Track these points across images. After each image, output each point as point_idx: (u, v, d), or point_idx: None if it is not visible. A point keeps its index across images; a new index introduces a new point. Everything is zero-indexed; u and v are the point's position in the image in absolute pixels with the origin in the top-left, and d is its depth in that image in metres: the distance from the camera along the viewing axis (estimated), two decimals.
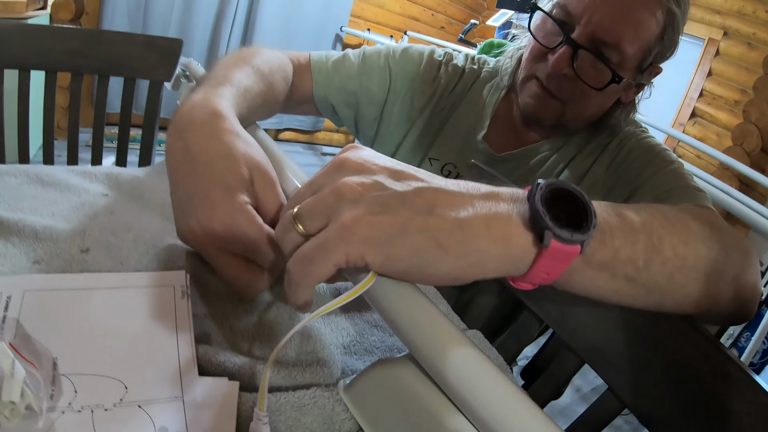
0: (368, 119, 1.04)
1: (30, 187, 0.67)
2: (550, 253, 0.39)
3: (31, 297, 0.45)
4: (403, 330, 0.37)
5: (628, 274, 0.46)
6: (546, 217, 0.38)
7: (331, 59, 0.99)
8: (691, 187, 0.81)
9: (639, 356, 0.60)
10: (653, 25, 0.82)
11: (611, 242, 0.44)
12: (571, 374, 0.70)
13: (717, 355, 0.52)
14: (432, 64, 1.05)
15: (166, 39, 1.24)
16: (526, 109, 0.94)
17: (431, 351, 0.35)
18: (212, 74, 0.67)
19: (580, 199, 0.41)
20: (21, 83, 1.16)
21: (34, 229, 0.56)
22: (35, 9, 2.79)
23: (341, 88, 0.99)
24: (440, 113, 1.04)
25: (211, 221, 0.48)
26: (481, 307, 0.81)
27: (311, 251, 0.38)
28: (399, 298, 0.38)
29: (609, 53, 0.83)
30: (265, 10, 3.90)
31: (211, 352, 0.43)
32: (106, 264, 0.54)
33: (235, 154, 0.51)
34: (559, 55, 0.83)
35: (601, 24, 0.81)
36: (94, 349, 0.42)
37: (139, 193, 0.70)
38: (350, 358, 0.50)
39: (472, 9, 5.13)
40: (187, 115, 0.54)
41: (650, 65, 0.88)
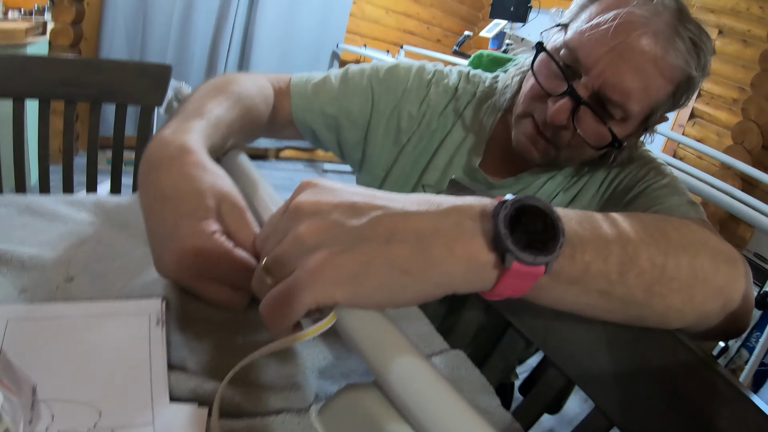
0: (351, 142, 1.01)
1: (20, 217, 0.69)
2: (512, 273, 0.40)
3: (14, 326, 0.48)
4: (366, 358, 0.38)
5: (601, 288, 0.45)
6: (507, 240, 0.38)
7: (312, 82, 0.96)
8: (684, 201, 0.79)
9: (626, 373, 0.59)
10: (665, 86, 0.78)
11: (581, 257, 0.44)
12: (559, 392, 0.68)
13: (706, 372, 0.51)
14: (421, 82, 0.99)
15: (156, 65, 1.27)
16: (518, 146, 0.89)
17: (392, 379, 0.36)
18: (185, 106, 0.68)
19: (549, 216, 0.41)
20: (15, 112, 1.19)
21: (21, 259, 0.58)
22: (34, 36, 2.82)
23: (320, 112, 0.96)
24: (431, 136, 0.99)
25: (183, 253, 0.50)
26: (467, 325, 0.80)
27: (281, 297, 0.39)
28: (361, 326, 0.39)
29: (613, 110, 0.78)
30: (261, 30, 3.94)
31: (183, 379, 0.44)
32: (90, 292, 0.55)
33: (201, 187, 0.52)
34: (559, 106, 0.78)
35: (610, 81, 0.76)
36: (72, 376, 0.43)
37: (125, 221, 0.71)
38: (325, 382, 0.51)
39: (468, 20, 5.15)
40: (156, 151, 0.56)
41: (656, 118, 0.84)
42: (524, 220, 0.40)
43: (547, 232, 0.41)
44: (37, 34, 2.90)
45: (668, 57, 0.75)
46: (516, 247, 0.38)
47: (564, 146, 0.84)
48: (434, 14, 4.95)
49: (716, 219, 2.96)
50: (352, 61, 4.65)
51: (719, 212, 2.79)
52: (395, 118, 0.98)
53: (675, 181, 0.84)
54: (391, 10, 4.71)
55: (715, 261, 0.52)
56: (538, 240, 0.40)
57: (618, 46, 0.74)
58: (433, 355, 0.62)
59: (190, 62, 3.79)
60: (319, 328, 0.38)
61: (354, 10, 4.45)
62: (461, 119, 0.99)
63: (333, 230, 0.39)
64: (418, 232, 0.39)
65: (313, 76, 0.98)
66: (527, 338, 0.71)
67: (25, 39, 2.65)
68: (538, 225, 0.41)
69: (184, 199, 0.52)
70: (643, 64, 0.75)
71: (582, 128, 0.79)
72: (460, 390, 0.56)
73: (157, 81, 1.27)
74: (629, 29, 0.74)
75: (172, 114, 0.67)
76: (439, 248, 0.39)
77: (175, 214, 0.51)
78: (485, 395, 0.58)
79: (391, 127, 0.99)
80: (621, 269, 0.45)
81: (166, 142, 0.57)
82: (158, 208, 0.53)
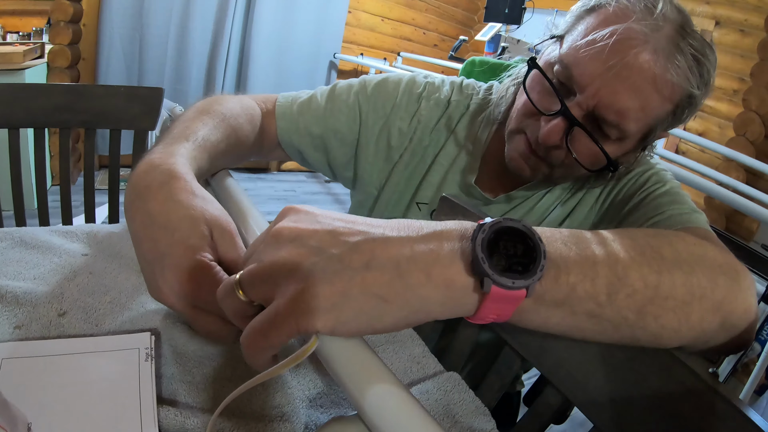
0: (341, 161, 0.98)
1: (14, 251, 0.70)
2: (492, 298, 0.39)
3: (10, 364, 0.48)
4: (346, 389, 0.38)
5: (589, 310, 0.44)
6: (485, 264, 0.38)
7: (297, 101, 0.94)
8: (685, 209, 0.75)
9: (623, 393, 0.57)
10: (665, 105, 0.74)
11: (566, 279, 0.42)
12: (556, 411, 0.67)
13: (703, 390, 0.50)
14: (411, 97, 0.96)
15: (148, 89, 1.28)
16: (510, 163, 0.85)
17: (371, 411, 0.36)
18: (171, 129, 0.68)
19: (530, 239, 0.40)
20: (11, 141, 1.20)
21: (15, 295, 0.59)
22: (32, 59, 2.85)
23: (307, 132, 0.94)
24: (424, 152, 0.96)
25: (177, 281, 0.50)
26: (463, 343, 0.79)
27: (263, 326, 0.39)
28: (341, 356, 0.39)
29: (608, 130, 0.74)
30: (257, 44, 3.96)
31: (172, 413, 0.45)
32: (82, 327, 0.56)
33: (193, 214, 0.52)
34: (551, 126, 0.75)
35: (606, 101, 0.72)
36: (66, 413, 0.44)
37: (117, 251, 0.72)
38: (316, 412, 0.51)
39: (464, 24, 5.15)
40: (143, 177, 0.56)
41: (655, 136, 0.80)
42: (504, 243, 0.40)
43: (529, 255, 0.40)
44: (36, 56, 2.93)
45: (668, 75, 0.71)
46: (493, 271, 0.38)
47: (557, 165, 0.82)
48: (430, 19, 4.96)
49: (722, 212, 2.94)
50: (349, 70, 4.66)
51: (725, 205, 2.77)
52: (385, 135, 0.96)
53: (676, 187, 0.81)
54: (386, 18, 4.73)
55: (713, 275, 0.50)
56: (519, 263, 0.40)
57: (615, 66, 0.70)
58: (426, 378, 0.62)
59: (188, 79, 3.82)
60: (301, 355, 0.38)
61: (349, 19, 4.47)
62: (454, 134, 0.96)
63: (312, 257, 0.39)
64: (396, 258, 0.39)
65: (299, 96, 0.95)
66: (522, 358, 0.70)
67: (23, 62, 2.68)
68: (518, 248, 0.40)
69: (176, 226, 0.52)
70: (641, 83, 0.71)
71: (576, 149, 0.77)
72: (454, 413, 0.57)
73: (149, 105, 1.28)
74: (627, 47, 0.70)
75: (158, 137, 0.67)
76: (416, 274, 0.38)
77: (168, 242, 0.51)
78: (479, 417, 0.58)
79: (382, 144, 0.96)
80: (610, 290, 0.44)
81: (152, 167, 0.57)
82: (150, 235, 0.52)
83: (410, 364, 0.63)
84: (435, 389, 0.60)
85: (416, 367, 0.63)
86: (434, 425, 0.35)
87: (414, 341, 0.67)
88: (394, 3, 4.71)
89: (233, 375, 0.53)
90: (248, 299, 0.41)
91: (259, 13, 3.89)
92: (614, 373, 0.58)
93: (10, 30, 3.29)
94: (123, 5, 3.46)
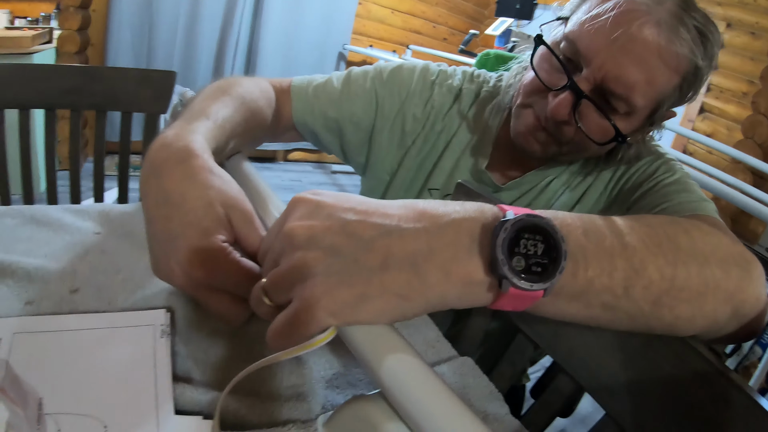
0: (355, 145, 1.00)
1: (26, 228, 0.70)
2: (509, 296, 0.39)
3: (21, 339, 0.48)
4: (369, 368, 0.38)
5: (605, 303, 0.44)
6: (505, 267, 0.38)
7: (313, 84, 0.95)
8: (694, 198, 0.76)
9: (636, 380, 0.57)
10: (670, 77, 0.74)
11: (584, 273, 0.42)
12: (567, 398, 0.67)
13: (717, 378, 0.50)
14: (425, 83, 0.98)
15: (160, 72, 1.27)
16: (518, 138, 0.87)
17: (395, 389, 0.36)
18: (189, 107, 0.66)
19: (552, 237, 0.40)
20: (21, 122, 1.19)
21: (27, 271, 0.59)
22: (41, 43, 2.84)
23: (322, 114, 0.95)
24: (436, 138, 0.98)
25: (190, 263, 0.48)
26: (475, 330, 0.78)
27: (284, 327, 0.39)
28: (364, 336, 0.38)
29: (616, 103, 0.75)
30: (266, 33, 3.95)
31: (188, 391, 0.44)
32: (94, 304, 0.55)
33: (209, 194, 0.51)
34: (559, 100, 0.76)
35: (612, 73, 0.73)
36: (78, 389, 0.43)
37: (130, 230, 0.71)
38: (332, 392, 0.51)
39: (474, 18, 5.14)
40: (160, 152, 0.54)
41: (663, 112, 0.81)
42: (524, 240, 0.39)
43: (549, 253, 0.40)
44: (44, 41, 2.92)
45: (672, 46, 0.72)
46: (513, 274, 0.38)
47: (566, 142, 0.82)
48: (440, 13, 4.94)
49: (728, 214, 2.93)
50: (358, 61, 4.65)
51: (730, 207, 2.76)
52: (400, 121, 0.97)
53: (685, 176, 0.81)
54: (396, 10, 4.71)
55: (726, 265, 0.51)
56: (538, 263, 0.39)
57: (619, 37, 0.71)
58: (441, 362, 0.61)
59: (197, 67, 3.81)
60: (317, 342, 0.38)
61: (359, 10, 4.45)
62: (466, 121, 0.98)
63: (327, 259, 0.38)
64: (413, 256, 0.38)
65: (314, 79, 0.97)
66: (536, 344, 0.70)
67: (31, 46, 2.67)
68: (539, 246, 0.40)
69: (191, 206, 0.50)
70: (646, 55, 0.72)
71: (584, 123, 0.77)
72: (468, 397, 0.57)
73: (161, 88, 1.27)
74: (630, 19, 0.71)
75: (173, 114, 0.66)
76: (434, 272, 0.38)
77: (182, 222, 0.50)
78: (494, 402, 0.58)
79: (396, 129, 0.98)
80: (627, 283, 0.44)
81: (169, 143, 0.55)
82: (163, 214, 0.51)
83: (425, 347, 0.63)
84: (450, 373, 0.59)
85: (431, 351, 0.63)
86: (458, 402, 0.35)
87: (428, 325, 0.66)
88: None
89: (248, 355, 0.52)
90: (276, 304, 0.41)
91: (269, 2, 3.88)
92: (628, 361, 0.58)
93: (19, 15, 3.29)
94: None
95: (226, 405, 0.44)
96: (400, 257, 0.38)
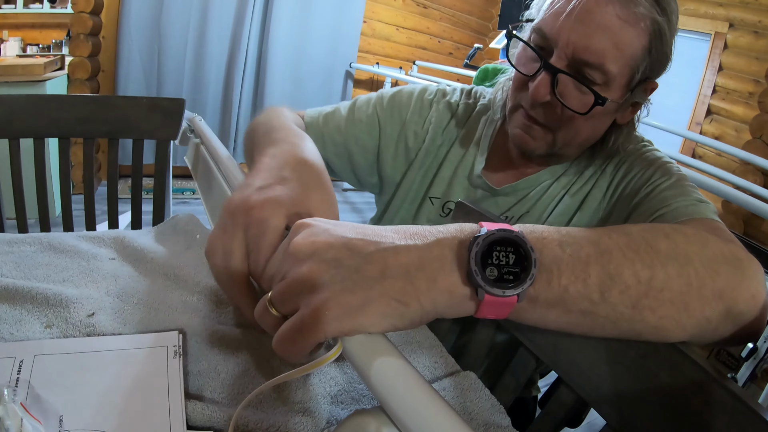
0: (365, 167, 1.05)
1: (43, 255, 0.73)
2: (487, 304, 0.43)
3: (41, 360, 0.51)
4: (369, 383, 0.40)
5: (583, 309, 0.47)
6: (478, 276, 0.42)
7: (323, 113, 1.03)
8: (691, 200, 0.77)
9: (634, 390, 0.58)
10: (636, 39, 0.78)
11: (558, 281, 0.46)
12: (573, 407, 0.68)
13: (713, 386, 0.50)
14: (423, 103, 1.05)
15: (169, 100, 1.31)
16: (515, 140, 0.92)
17: (394, 403, 0.38)
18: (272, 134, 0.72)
19: (522, 247, 0.44)
20: (36, 150, 1.23)
21: (45, 296, 0.61)
22: (53, 70, 2.90)
23: (331, 140, 1.01)
24: (436, 151, 1.03)
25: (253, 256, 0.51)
26: (480, 345, 0.80)
27: (290, 334, 0.42)
28: (365, 352, 0.41)
29: (592, 74, 0.79)
30: (273, 54, 4.01)
31: (200, 407, 0.47)
32: (110, 326, 0.58)
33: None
34: (537, 82, 0.81)
35: (579, 44, 0.77)
36: (96, 407, 0.46)
37: (143, 256, 0.74)
38: (337, 408, 0.53)
39: (478, 32, 5.17)
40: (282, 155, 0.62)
41: (642, 81, 0.84)
42: (498, 252, 0.44)
43: (521, 261, 0.44)
44: (56, 68, 2.98)
45: (629, 7, 0.76)
46: (486, 283, 0.42)
47: (557, 127, 0.86)
48: (444, 28, 4.98)
49: (740, 216, 2.92)
50: (365, 79, 4.70)
51: (743, 209, 2.75)
52: (403, 139, 1.04)
53: (682, 179, 0.83)
54: (401, 27, 4.76)
55: (714, 264, 0.52)
56: (511, 272, 0.44)
57: (578, 12, 0.77)
58: (444, 377, 0.63)
59: (206, 90, 3.87)
60: (326, 359, 0.41)
61: (364, 28, 4.51)
62: (463, 133, 1.04)
63: (331, 270, 0.42)
64: (407, 266, 0.43)
65: (324, 109, 1.04)
66: (537, 358, 0.71)
67: (43, 74, 2.73)
68: (510, 257, 0.44)
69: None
70: (607, 20, 0.76)
71: (566, 99, 0.81)
72: (470, 410, 0.59)
73: (171, 115, 1.31)
74: None
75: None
76: (424, 281, 0.43)
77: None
78: (496, 415, 0.59)
79: (401, 147, 1.04)
80: (602, 288, 0.46)
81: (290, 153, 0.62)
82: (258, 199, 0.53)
83: (427, 363, 0.65)
84: (452, 387, 0.61)
85: (433, 366, 0.65)
86: (454, 415, 0.37)
87: (431, 342, 0.69)
88: (409, 12, 4.74)
89: (257, 373, 0.55)
90: (281, 314, 0.44)
91: (275, 25, 3.94)
92: (626, 372, 0.59)
93: (30, 42, 3.36)
94: (141, 18, 3.53)
95: (237, 420, 0.46)
96: (396, 267, 0.43)
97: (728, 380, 0.50)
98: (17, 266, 0.69)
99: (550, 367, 1.10)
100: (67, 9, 3.30)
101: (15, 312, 0.59)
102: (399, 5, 4.70)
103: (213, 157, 1.22)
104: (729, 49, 3.35)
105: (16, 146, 1.22)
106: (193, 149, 1.38)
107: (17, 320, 0.58)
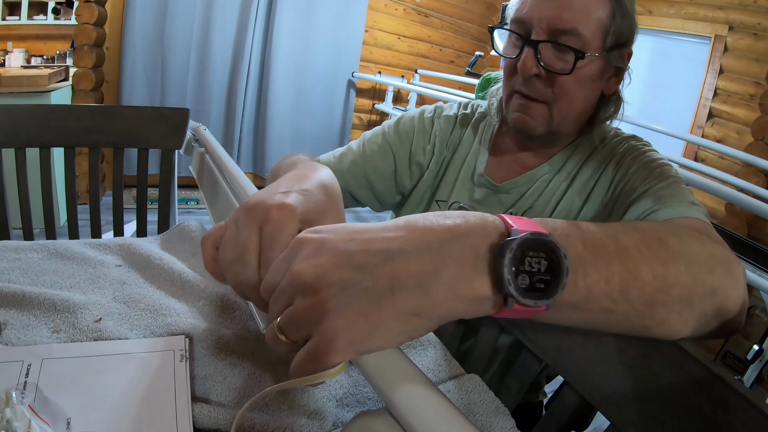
0: (386, 193, 1.12)
1: (51, 261, 0.73)
2: (513, 311, 0.41)
3: (49, 364, 0.51)
4: (376, 384, 0.40)
5: (603, 307, 0.47)
6: (511, 286, 0.39)
7: (337, 153, 1.10)
8: (685, 202, 0.80)
9: (637, 390, 0.58)
10: (600, 6, 0.88)
11: (583, 282, 0.44)
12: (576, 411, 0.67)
13: (714, 383, 0.51)
14: (425, 122, 1.12)
15: (174, 110, 1.32)
16: (516, 123, 0.97)
17: (399, 403, 0.38)
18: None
19: (555, 254, 0.42)
20: (42, 160, 1.25)
21: (53, 302, 0.62)
22: (57, 81, 2.92)
23: (351, 175, 1.07)
24: (442, 161, 1.10)
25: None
26: (484, 347, 0.80)
27: (305, 364, 0.41)
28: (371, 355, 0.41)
29: (568, 40, 0.87)
30: (276, 64, 4.03)
31: (206, 409, 0.47)
32: (117, 331, 0.59)
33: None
34: (524, 57, 0.89)
35: (551, 16, 0.86)
36: (103, 410, 0.47)
37: (149, 262, 0.75)
38: (342, 410, 0.54)
39: (479, 40, 5.19)
40: None
41: (616, 46, 0.92)
42: (529, 257, 0.41)
43: (552, 268, 0.42)
44: (60, 79, 3.00)
45: None
46: (518, 292, 0.40)
47: (552, 99, 0.92)
48: (446, 36, 5.00)
49: (744, 218, 2.91)
50: (368, 88, 4.72)
51: (746, 212, 2.73)
52: (414, 158, 1.10)
53: (678, 181, 0.86)
54: (402, 36, 4.78)
55: (712, 264, 0.54)
56: (542, 279, 0.41)
57: None
58: (449, 379, 0.64)
59: (209, 100, 3.89)
60: (330, 374, 0.40)
61: (366, 38, 4.53)
62: (464, 138, 1.11)
63: (338, 294, 0.40)
64: (419, 276, 0.40)
65: (336, 150, 1.13)
66: (540, 359, 0.72)
67: (48, 84, 2.75)
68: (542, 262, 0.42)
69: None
70: None
71: (551, 65, 0.89)
72: (474, 412, 0.59)
73: (176, 125, 1.32)
74: None
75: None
76: (442, 289, 0.40)
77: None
78: (499, 417, 0.60)
79: (414, 165, 1.11)
80: (623, 287, 0.47)
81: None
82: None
83: (432, 366, 0.65)
84: (456, 389, 0.62)
85: (437, 369, 0.65)
86: (459, 416, 0.37)
87: (435, 345, 0.69)
88: (410, 21, 4.76)
89: (263, 377, 0.55)
90: (292, 341, 0.42)
91: (278, 35, 3.97)
92: (628, 371, 0.59)
93: (35, 54, 3.39)
94: (145, 29, 3.55)
95: (241, 423, 0.46)
96: (406, 279, 0.40)
97: (729, 376, 0.51)
98: (24, 273, 0.70)
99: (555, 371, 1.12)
100: (71, 20, 3.32)
101: (23, 317, 0.60)
102: (400, 14, 4.72)
103: (218, 165, 1.23)
104: (729, 52, 3.35)
105: (22, 156, 1.23)
106: (198, 158, 1.39)
107: (25, 325, 0.58)
